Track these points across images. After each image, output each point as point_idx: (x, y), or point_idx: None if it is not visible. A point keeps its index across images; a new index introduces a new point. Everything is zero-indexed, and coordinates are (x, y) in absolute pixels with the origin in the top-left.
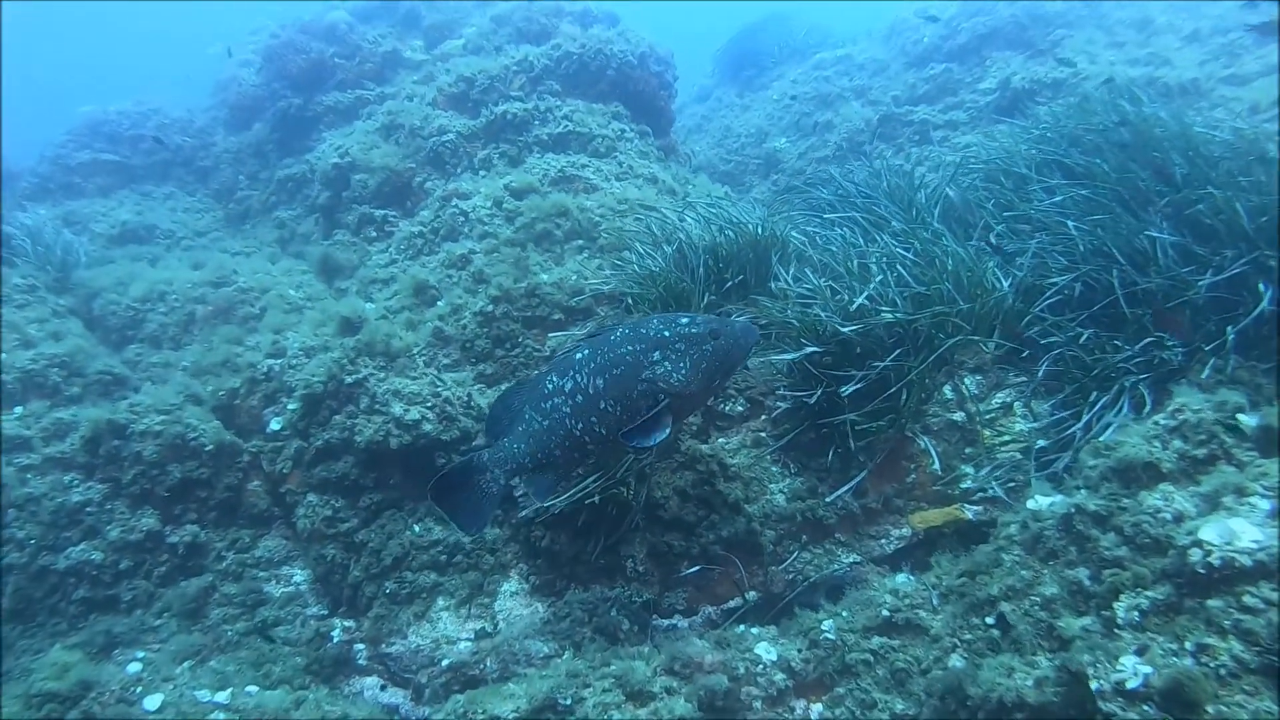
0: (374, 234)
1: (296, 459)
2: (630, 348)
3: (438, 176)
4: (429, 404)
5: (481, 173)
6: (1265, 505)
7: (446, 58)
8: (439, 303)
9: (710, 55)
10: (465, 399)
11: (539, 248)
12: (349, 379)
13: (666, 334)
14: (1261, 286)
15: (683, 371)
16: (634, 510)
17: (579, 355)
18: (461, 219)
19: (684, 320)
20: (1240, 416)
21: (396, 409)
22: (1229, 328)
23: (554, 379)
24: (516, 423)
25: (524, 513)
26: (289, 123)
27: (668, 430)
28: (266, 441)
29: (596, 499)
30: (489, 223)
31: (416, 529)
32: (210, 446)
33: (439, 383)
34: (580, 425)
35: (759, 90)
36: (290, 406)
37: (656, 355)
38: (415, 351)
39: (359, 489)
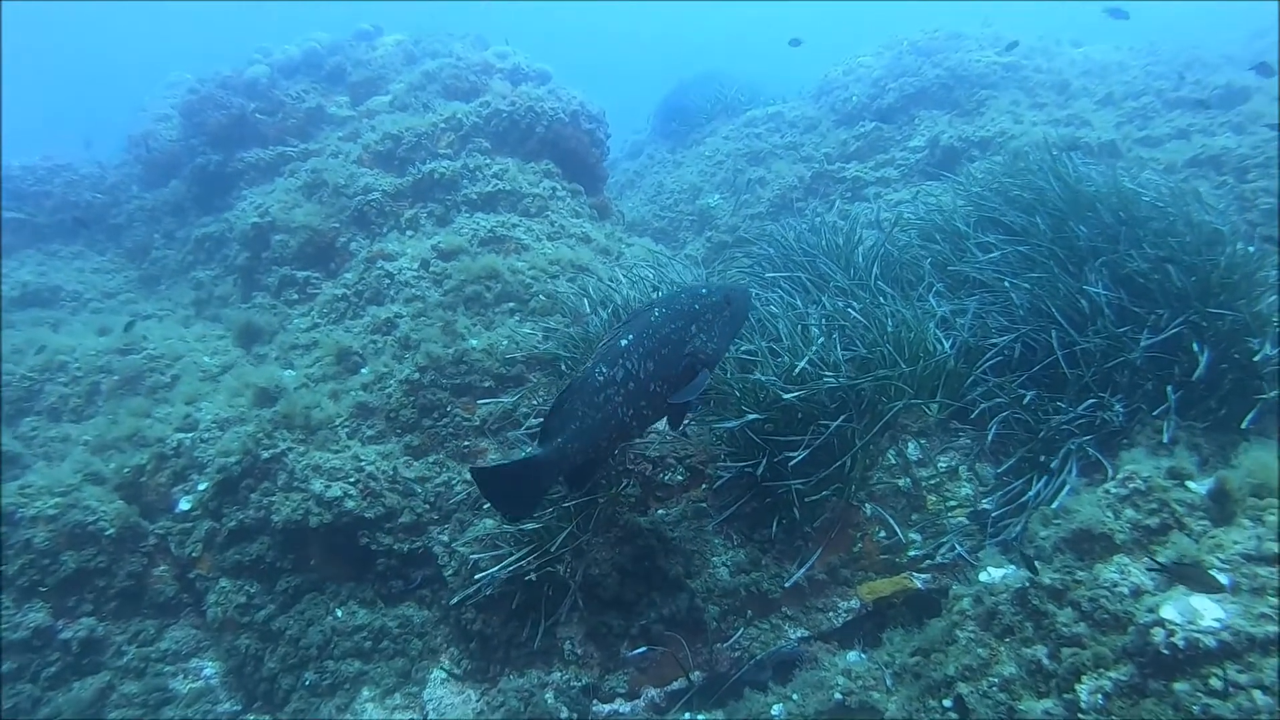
0: (295, 296)
1: (208, 541)
2: (673, 326)
3: (363, 237)
4: (352, 479)
5: (409, 233)
6: (1223, 580)
7: (373, 114)
8: (363, 370)
9: (638, 112)
10: (390, 473)
11: (468, 311)
12: (266, 454)
13: (697, 306)
14: (1195, 347)
15: (714, 340)
16: (571, 589)
17: (624, 342)
18: (387, 281)
19: (704, 291)
20: (1190, 484)
21: (316, 485)
22: (1169, 388)
23: (603, 370)
24: (569, 422)
25: (455, 599)
26: (208, 180)
27: (704, 384)
28: (175, 522)
29: (533, 576)
30: (416, 285)
31: (339, 613)
32: (111, 531)
33: (362, 457)
34: (630, 411)
35: (691, 146)
36: (201, 485)
37: (694, 329)
38: (337, 423)
39: (276, 572)
